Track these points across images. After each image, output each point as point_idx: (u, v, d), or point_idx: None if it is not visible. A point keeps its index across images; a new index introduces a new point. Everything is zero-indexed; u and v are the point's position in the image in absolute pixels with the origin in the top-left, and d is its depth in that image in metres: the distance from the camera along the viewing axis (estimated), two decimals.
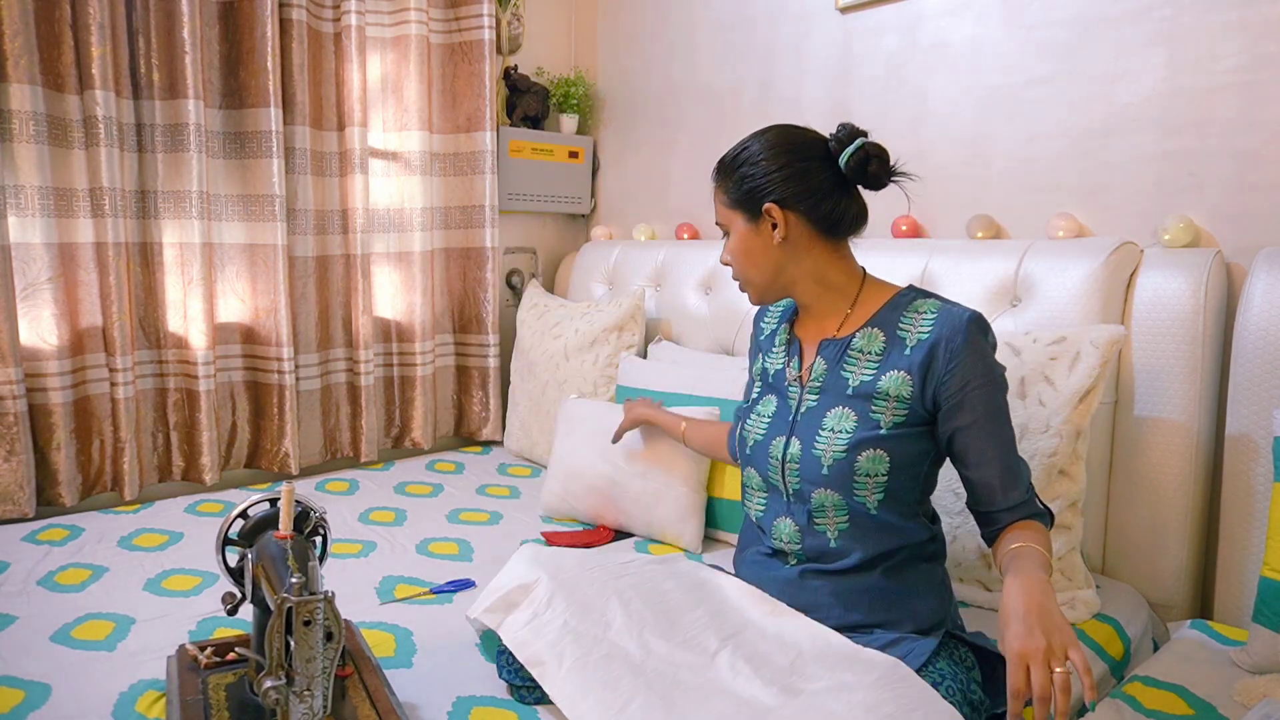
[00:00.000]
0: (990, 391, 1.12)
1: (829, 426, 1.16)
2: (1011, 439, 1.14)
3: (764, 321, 1.38)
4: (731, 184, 1.21)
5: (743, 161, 1.20)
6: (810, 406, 1.19)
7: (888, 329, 1.16)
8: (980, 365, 1.11)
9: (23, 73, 1.78)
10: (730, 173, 1.21)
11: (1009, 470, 1.13)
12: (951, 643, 1.12)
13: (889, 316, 1.17)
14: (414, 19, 2.36)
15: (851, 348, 1.18)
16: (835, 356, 1.19)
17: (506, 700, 1.15)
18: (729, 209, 1.22)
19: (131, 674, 1.20)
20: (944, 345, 1.11)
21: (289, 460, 2.22)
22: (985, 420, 1.11)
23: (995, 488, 1.13)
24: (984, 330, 1.13)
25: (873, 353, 1.16)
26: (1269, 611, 1.19)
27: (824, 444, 1.15)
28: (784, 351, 1.28)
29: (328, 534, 1.20)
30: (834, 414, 1.16)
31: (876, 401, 1.14)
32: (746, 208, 1.20)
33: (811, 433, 1.17)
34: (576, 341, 2.25)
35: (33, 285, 1.87)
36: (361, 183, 2.31)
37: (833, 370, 1.19)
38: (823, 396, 1.18)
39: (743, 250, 1.22)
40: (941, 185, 1.92)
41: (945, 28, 1.91)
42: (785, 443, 1.20)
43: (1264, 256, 1.41)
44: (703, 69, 2.47)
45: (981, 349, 1.12)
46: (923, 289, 1.21)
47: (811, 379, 1.21)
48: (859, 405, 1.14)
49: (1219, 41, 1.51)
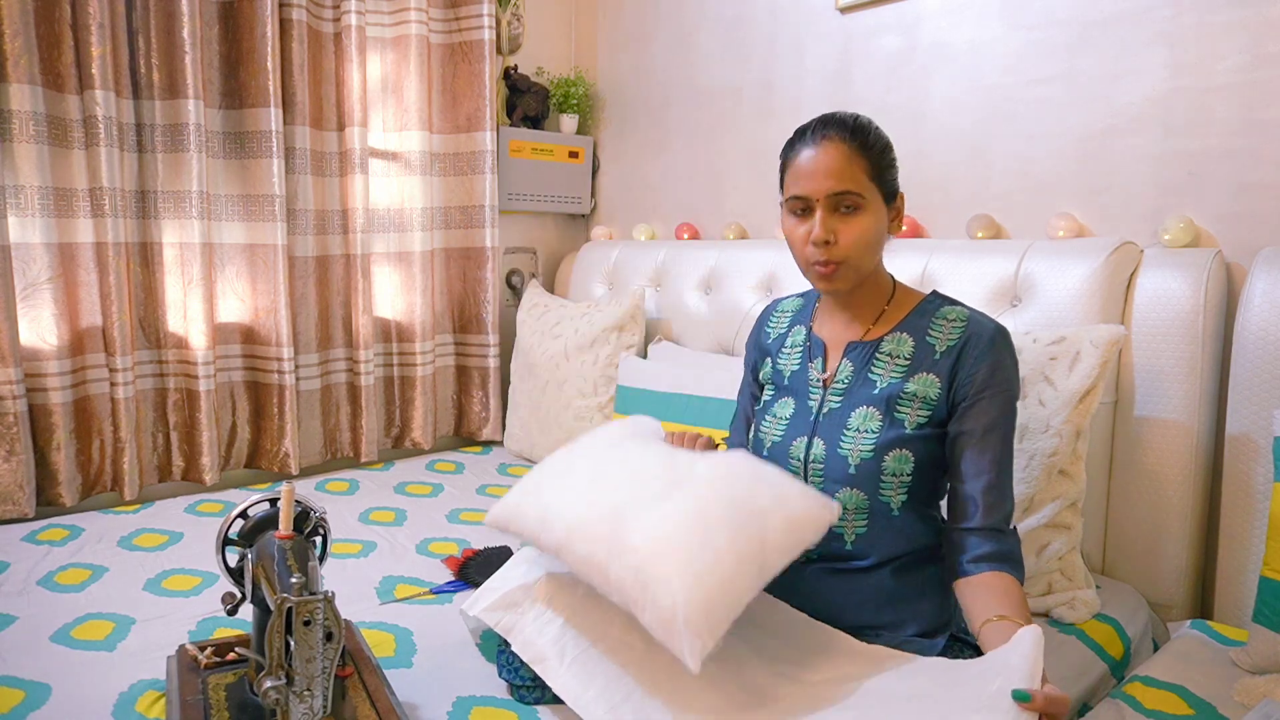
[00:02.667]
0: (1001, 406, 1.11)
1: (854, 427, 1.15)
2: (1008, 464, 1.11)
3: (769, 324, 1.35)
4: (878, 159, 1.13)
5: (884, 143, 1.14)
6: (833, 408, 1.18)
7: (916, 334, 1.16)
8: (1000, 375, 1.11)
9: (23, 73, 1.78)
10: (877, 148, 1.13)
11: (995, 491, 1.10)
12: (955, 645, 1.12)
13: (917, 322, 1.17)
14: (414, 19, 2.36)
15: (880, 351, 1.17)
16: (863, 359, 1.18)
17: (506, 700, 1.15)
18: (872, 182, 1.12)
19: (131, 674, 1.20)
20: (971, 346, 1.12)
21: (289, 460, 2.22)
22: (988, 432, 1.10)
23: (978, 505, 1.09)
24: (1009, 343, 1.14)
25: (901, 356, 1.16)
26: (1269, 611, 1.19)
27: (850, 444, 1.14)
28: (802, 353, 1.26)
29: (328, 534, 1.20)
30: (859, 414, 1.15)
31: (902, 403, 1.13)
32: (887, 189, 1.14)
33: (835, 433, 1.16)
34: (576, 341, 2.25)
35: (33, 285, 1.87)
36: (361, 183, 2.31)
37: (859, 373, 1.18)
38: (847, 398, 1.18)
39: (876, 233, 1.13)
40: (941, 185, 1.92)
41: (945, 28, 1.91)
42: (808, 443, 1.19)
43: (1264, 256, 1.41)
44: (703, 69, 2.47)
45: (1005, 360, 1.12)
46: (947, 295, 1.21)
47: (836, 380, 1.20)
48: (884, 406, 1.14)
49: (1219, 41, 1.51)
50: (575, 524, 1.05)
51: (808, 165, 1.13)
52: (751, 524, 0.99)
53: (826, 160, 1.11)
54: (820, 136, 1.13)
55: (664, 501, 1.02)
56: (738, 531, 0.98)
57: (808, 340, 1.26)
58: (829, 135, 1.12)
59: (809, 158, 1.13)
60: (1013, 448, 1.13)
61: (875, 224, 1.13)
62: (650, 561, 0.96)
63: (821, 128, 1.14)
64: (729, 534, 0.97)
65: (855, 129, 1.12)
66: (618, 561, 0.99)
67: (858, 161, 1.11)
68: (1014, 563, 1.08)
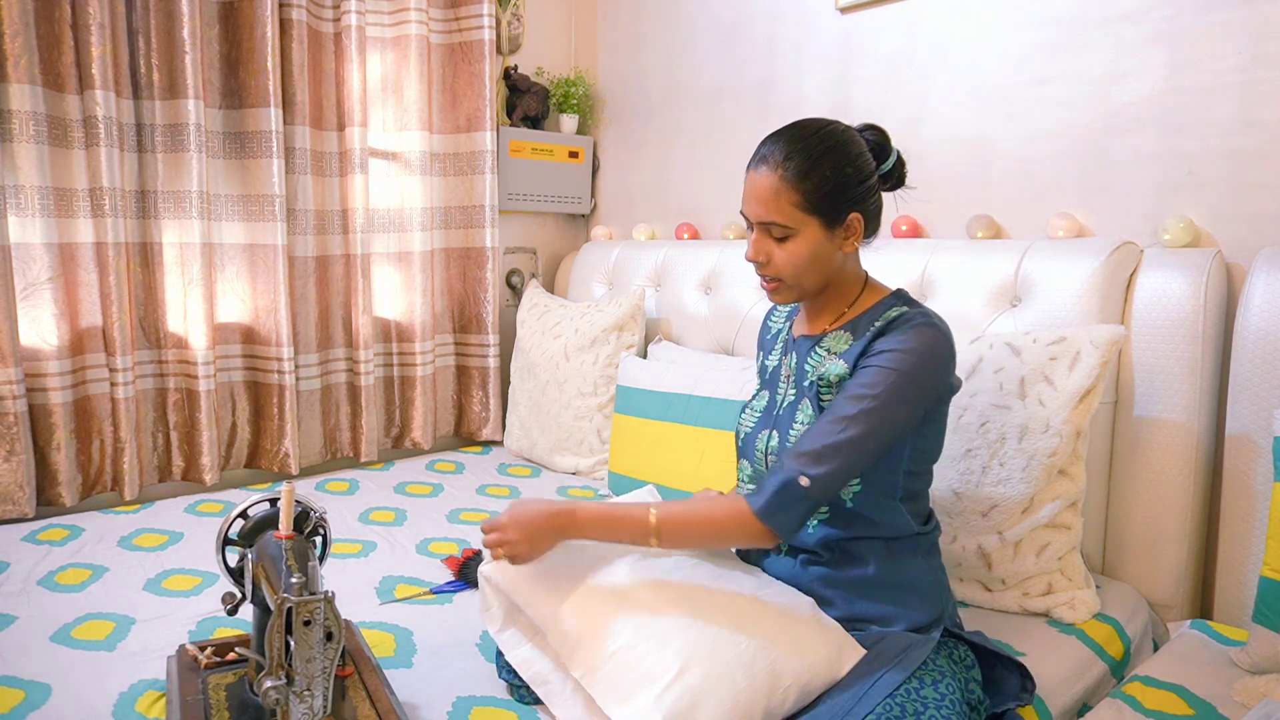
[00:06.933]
0: (876, 374, 1.07)
1: (799, 420, 1.17)
2: (851, 428, 1.05)
3: (771, 320, 1.38)
4: (810, 185, 1.09)
5: (821, 159, 1.09)
6: (789, 401, 1.21)
7: (857, 331, 1.16)
8: (894, 352, 1.08)
9: (23, 73, 1.78)
10: (808, 172, 1.09)
11: (810, 437, 1.08)
12: (950, 641, 1.12)
13: (863, 321, 1.17)
14: (414, 19, 2.36)
15: (820, 345, 1.19)
16: (804, 352, 1.21)
17: (506, 700, 1.15)
18: (803, 212, 1.10)
19: (131, 674, 1.20)
20: (883, 333, 1.11)
21: (289, 460, 2.22)
22: (845, 394, 1.08)
23: (789, 450, 1.10)
24: (930, 330, 1.09)
25: (835, 352, 1.16)
26: (1269, 611, 1.19)
27: (795, 436, 1.16)
28: (781, 349, 1.30)
29: (328, 534, 1.20)
30: (802, 406, 1.18)
31: (824, 391, 1.15)
32: (827, 213, 1.11)
33: (787, 425, 1.19)
34: (576, 341, 2.25)
35: (33, 285, 1.87)
36: (361, 183, 2.31)
37: (799, 365, 1.21)
38: (797, 391, 1.21)
39: (811, 256, 1.12)
40: (941, 185, 1.92)
41: (945, 28, 1.90)
42: (768, 436, 1.22)
43: (1264, 256, 1.41)
44: (703, 69, 2.47)
45: (908, 339, 1.08)
46: (906, 295, 1.19)
47: (791, 374, 1.23)
48: (814, 397, 1.16)
49: (1219, 41, 1.51)
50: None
51: (747, 186, 1.15)
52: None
53: (755, 189, 1.13)
54: (759, 160, 1.14)
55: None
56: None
57: (787, 336, 1.29)
58: (766, 159, 1.12)
59: (749, 179, 1.15)
60: (877, 421, 1.06)
61: (809, 248, 1.12)
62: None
63: (762, 149, 1.14)
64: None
65: (789, 155, 1.10)
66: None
67: (785, 194, 1.10)
68: (758, 492, 1.09)
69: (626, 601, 1.07)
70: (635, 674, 0.99)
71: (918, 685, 1.01)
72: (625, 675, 1.00)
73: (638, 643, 1.02)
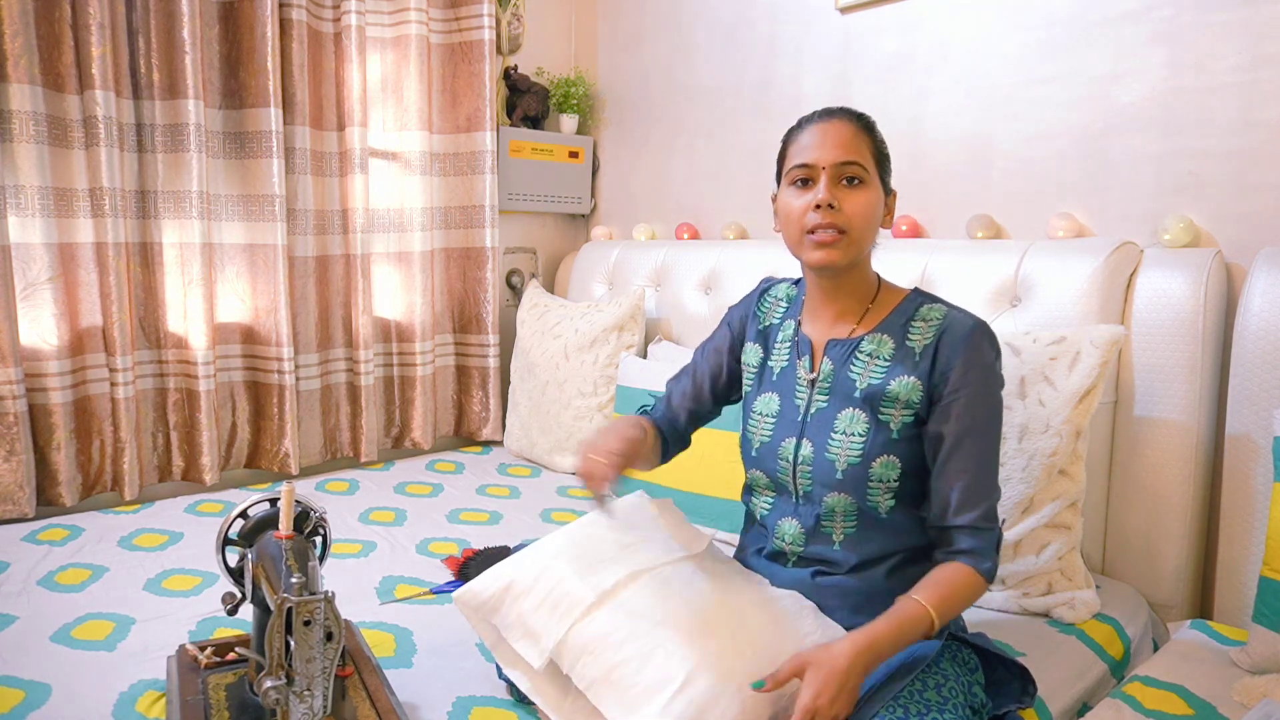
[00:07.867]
0: (982, 405, 1.10)
1: (841, 429, 1.15)
2: (989, 461, 1.11)
3: (763, 307, 1.31)
4: (878, 141, 1.15)
5: (883, 138, 1.17)
6: (820, 408, 1.18)
7: (896, 336, 1.15)
8: (976, 372, 1.10)
9: (23, 73, 1.78)
10: (879, 136, 1.16)
11: (971, 490, 1.09)
12: (954, 645, 1.12)
13: (896, 322, 1.16)
14: (414, 19, 2.36)
15: (860, 350, 1.17)
16: (842, 358, 1.18)
17: (506, 700, 1.15)
18: (874, 165, 1.14)
19: (131, 674, 1.20)
20: (945, 344, 1.11)
21: (289, 460, 2.22)
22: (966, 434, 1.10)
23: (950, 504, 1.09)
24: (987, 336, 1.12)
25: (881, 357, 1.15)
26: (1269, 611, 1.19)
27: (838, 448, 1.14)
28: (790, 350, 1.25)
29: (328, 534, 1.20)
30: (845, 416, 1.15)
31: (885, 404, 1.13)
32: (883, 176, 1.16)
33: (824, 435, 1.16)
34: (576, 341, 2.25)
35: (33, 285, 1.87)
36: (361, 183, 2.31)
37: (839, 371, 1.18)
38: (832, 398, 1.17)
39: (876, 209, 1.14)
40: (941, 185, 1.92)
41: (945, 28, 1.91)
42: (796, 444, 1.18)
43: (1264, 256, 1.41)
44: (703, 69, 2.47)
45: (981, 354, 1.11)
46: (929, 293, 1.20)
47: (821, 380, 1.19)
48: (868, 408, 1.14)
49: (1219, 41, 1.51)
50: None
51: (814, 138, 1.14)
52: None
53: (835, 133, 1.13)
54: (827, 116, 1.16)
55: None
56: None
57: (795, 336, 1.25)
58: (834, 113, 1.16)
59: (816, 131, 1.15)
60: (997, 441, 1.12)
61: (877, 203, 1.14)
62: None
63: (827, 112, 1.17)
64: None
65: (860, 115, 1.16)
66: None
67: (864, 139, 1.13)
68: (977, 555, 1.08)
69: (629, 611, 1.06)
70: (641, 684, 0.99)
71: (921, 688, 1.01)
72: (631, 686, 0.99)
73: (642, 652, 1.01)
